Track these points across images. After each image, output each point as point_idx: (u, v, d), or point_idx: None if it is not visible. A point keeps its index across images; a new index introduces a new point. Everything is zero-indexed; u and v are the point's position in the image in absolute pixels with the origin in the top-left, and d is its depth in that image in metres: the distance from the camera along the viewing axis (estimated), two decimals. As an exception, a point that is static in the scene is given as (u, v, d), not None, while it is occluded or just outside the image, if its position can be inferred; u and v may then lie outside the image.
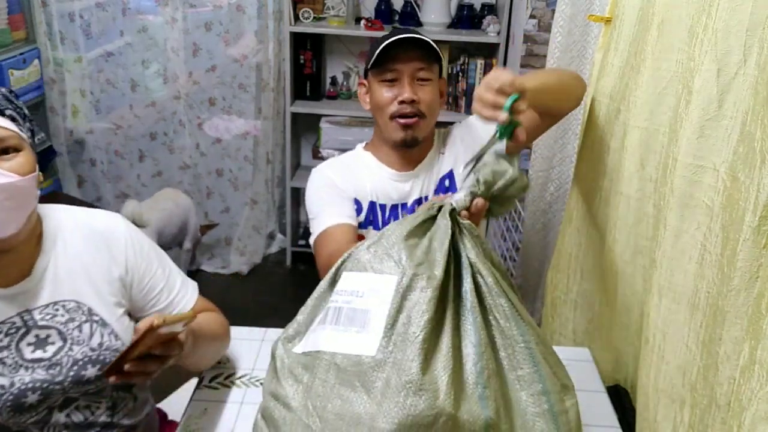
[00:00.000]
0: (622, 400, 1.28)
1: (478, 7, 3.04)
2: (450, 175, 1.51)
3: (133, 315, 1.18)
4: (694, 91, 0.97)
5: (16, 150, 0.98)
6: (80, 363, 1.07)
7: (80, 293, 1.09)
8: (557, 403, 0.89)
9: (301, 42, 3.01)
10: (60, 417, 1.08)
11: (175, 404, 1.40)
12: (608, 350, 1.35)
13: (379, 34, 2.93)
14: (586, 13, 1.66)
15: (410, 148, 1.46)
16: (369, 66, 1.45)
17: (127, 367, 0.93)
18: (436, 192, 1.50)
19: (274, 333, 1.41)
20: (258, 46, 2.98)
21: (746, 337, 0.79)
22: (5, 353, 1.02)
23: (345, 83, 3.21)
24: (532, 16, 2.35)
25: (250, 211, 3.22)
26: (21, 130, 1.00)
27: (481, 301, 0.89)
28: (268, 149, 3.15)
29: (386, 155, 1.49)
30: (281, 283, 3.16)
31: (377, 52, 1.39)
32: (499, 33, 2.84)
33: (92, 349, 1.08)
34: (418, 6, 2.99)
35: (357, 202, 1.47)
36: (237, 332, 1.42)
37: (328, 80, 3.19)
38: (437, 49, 1.42)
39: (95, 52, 3.00)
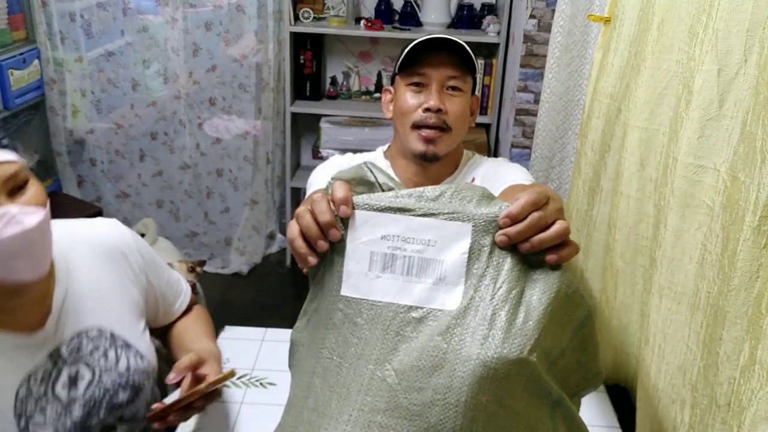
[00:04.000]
0: (622, 400, 1.28)
1: (478, 7, 3.04)
2: None
3: (150, 323, 1.16)
4: (694, 91, 0.97)
5: (25, 180, 0.91)
6: (111, 391, 1.04)
7: (100, 318, 1.04)
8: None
9: (301, 42, 3.01)
10: None
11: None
12: (608, 350, 1.35)
13: (377, 33, 2.94)
14: (586, 13, 1.67)
15: (430, 163, 1.33)
16: (396, 69, 1.33)
17: (171, 418, 0.97)
18: None
19: (274, 333, 1.41)
20: (258, 46, 2.98)
21: (746, 337, 0.79)
22: (44, 402, 0.96)
23: (345, 83, 3.21)
24: (532, 16, 2.34)
25: (250, 211, 3.22)
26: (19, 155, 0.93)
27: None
28: (268, 149, 3.15)
29: (403, 169, 1.37)
30: (281, 283, 3.16)
31: (406, 51, 1.29)
32: (499, 33, 2.84)
33: (120, 375, 1.05)
34: (418, 6, 2.99)
35: None
36: (237, 332, 1.42)
37: (328, 80, 3.19)
38: (473, 57, 1.31)
39: (96, 51, 3.00)
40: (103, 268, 1.06)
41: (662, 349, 1.05)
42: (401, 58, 1.31)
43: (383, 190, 0.87)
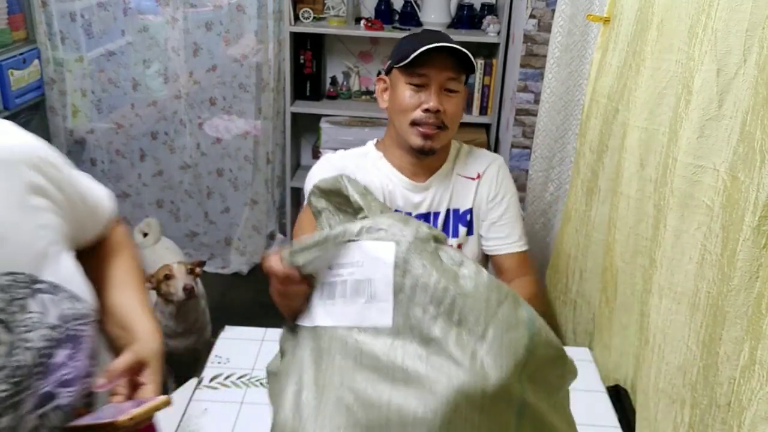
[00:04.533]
0: (622, 400, 1.28)
1: (478, 7, 3.04)
2: (468, 213, 1.46)
3: (77, 247, 0.91)
4: (693, 91, 0.97)
5: None
6: (44, 351, 0.77)
7: (8, 260, 0.76)
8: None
9: (301, 42, 3.01)
10: (31, 419, 0.77)
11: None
12: (608, 350, 1.35)
13: (377, 34, 2.94)
14: (586, 13, 1.66)
15: (425, 156, 1.40)
16: (396, 64, 1.38)
17: None
18: (447, 221, 1.45)
19: (274, 333, 1.41)
20: (258, 46, 2.98)
21: (746, 337, 0.79)
22: None
23: (345, 83, 3.21)
24: (532, 16, 2.34)
25: (250, 211, 3.22)
26: None
27: None
28: (268, 149, 3.15)
29: (398, 159, 1.43)
30: (281, 283, 3.15)
31: (414, 55, 1.31)
32: (499, 33, 2.84)
33: (54, 327, 0.78)
34: (418, 6, 2.99)
35: None
36: (237, 332, 1.42)
37: (328, 80, 3.19)
38: (473, 61, 1.35)
39: (96, 51, 3.01)
40: (3, 194, 0.78)
41: (662, 349, 1.05)
42: (406, 61, 1.33)
43: (353, 206, 0.95)
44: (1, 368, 0.73)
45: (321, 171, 1.42)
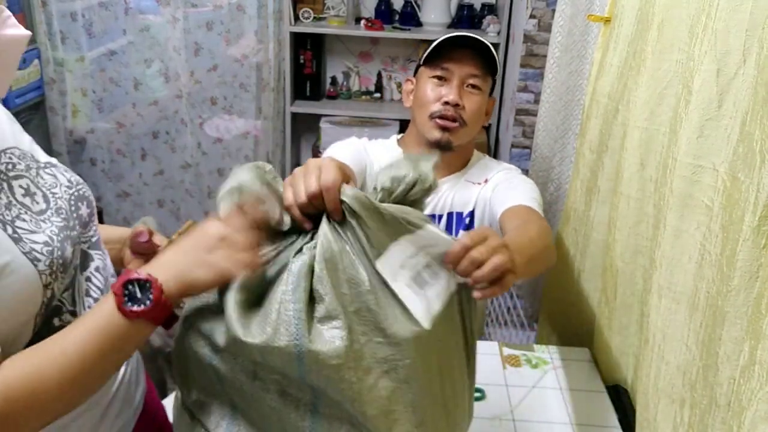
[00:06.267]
0: (622, 400, 1.28)
1: (478, 7, 3.04)
2: (469, 216, 1.45)
3: None
4: (693, 91, 0.97)
5: None
6: (72, 203, 0.86)
7: (14, 140, 0.86)
8: None
9: (301, 42, 3.01)
10: (82, 281, 0.86)
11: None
12: (608, 350, 1.35)
13: (377, 33, 2.94)
14: (586, 13, 1.66)
15: (443, 152, 1.39)
16: (422, 61, 1.42)
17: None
18: (449, 224, 1.44)
19: (274, 333, 1.40)
20: (258, 45, 2.99)
21: (746, 337, 0.79)
22: (16, 211, 0.77)
23: (345, 83, 3.21)
24: (532, 16, 2.34)
25: (251, 211, 3.22)
26: None
27: None
28: (268, 149, 3.15)
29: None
30: (281, 283, 3.15)
31: (434, 44, 1.37)
32: (499, 33, 2.84)
33: (70, 187, 0.87)
34: (418, 6, 2.99)
35: None
36: (237, 332, 1.42)
37: (328, 80, 3.19)
38: (496, 59, 1.38)
39: (97, 51, 3.01)
40: None
41: (662, 349, 1.05)
42: (428, 51, 1.38)
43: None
44: (49, 207, 0.80)
45: (343, 146, 1.44)
